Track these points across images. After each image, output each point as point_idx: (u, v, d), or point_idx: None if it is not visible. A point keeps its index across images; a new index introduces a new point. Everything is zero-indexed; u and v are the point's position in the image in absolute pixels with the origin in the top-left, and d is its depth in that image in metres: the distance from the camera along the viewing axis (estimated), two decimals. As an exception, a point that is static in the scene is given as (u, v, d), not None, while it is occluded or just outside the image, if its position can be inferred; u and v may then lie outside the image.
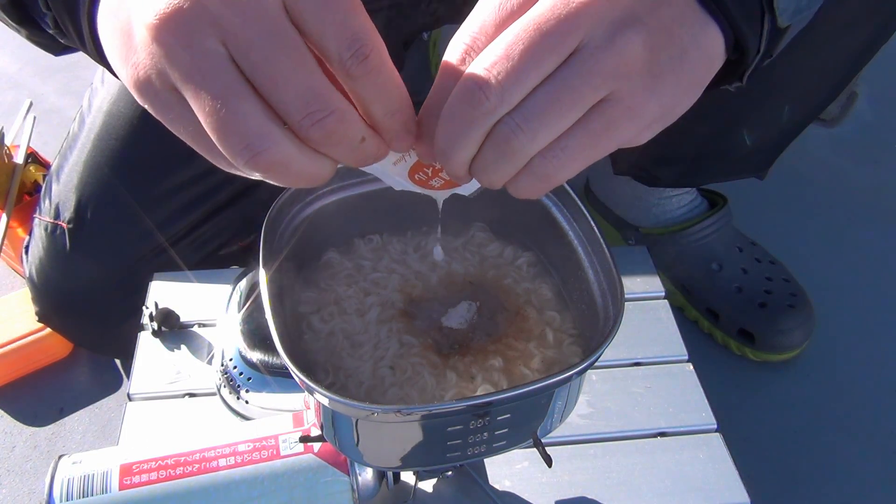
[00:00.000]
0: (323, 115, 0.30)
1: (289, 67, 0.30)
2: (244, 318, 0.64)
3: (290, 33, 0.30)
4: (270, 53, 0.30)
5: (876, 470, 0.87)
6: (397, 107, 0.32)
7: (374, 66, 0.31)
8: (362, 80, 0.31)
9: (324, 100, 0.30)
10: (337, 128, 0.31)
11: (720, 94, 0.81)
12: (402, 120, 0.33)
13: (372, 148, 0.33)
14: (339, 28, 0.30)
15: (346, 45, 0.30)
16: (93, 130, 0.79)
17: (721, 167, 0.91)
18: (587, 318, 0.48)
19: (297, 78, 0.30)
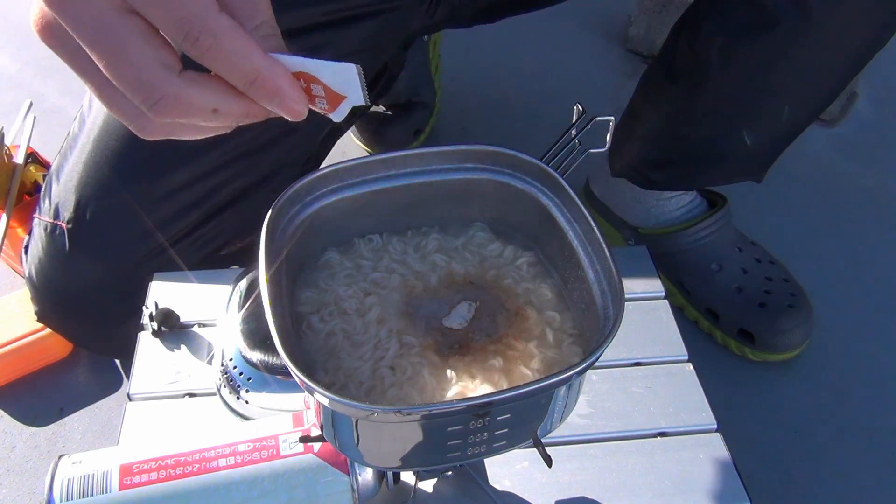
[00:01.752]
0: (155, 99, 0.34)
1: (121, 60, 0.33)
2: (244, 318, 0.64)
3: (120, 26, 0.33)
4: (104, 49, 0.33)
5: (875, 470, 0.87)
6: (250, 76, 0.34)
7: (207, 45, 0.33)
8: (204, 59, 0.33)
9: (153, 86, 0.34)
10: (172, 107, 0.34)
11: (716, 98, 0.81)
12: (263, 86, 0.35)
13: (236, 110, 0.36)
14: (167, 13, 0.32)
15: (175, 30, 0.33)
16: (93, 130, 0.79)
17: (718, 171, 0.91)
18: (587, 318, 0.48)
19: (129, 69, 0.33)
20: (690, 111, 0.86)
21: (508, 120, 1.28)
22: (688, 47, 0.82)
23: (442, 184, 0.52)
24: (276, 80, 0.35)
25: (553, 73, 1.38)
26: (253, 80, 0.34)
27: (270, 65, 0.34)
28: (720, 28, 0.77)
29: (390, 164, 0.51)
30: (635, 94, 0.94)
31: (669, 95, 0.87)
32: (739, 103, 0.81)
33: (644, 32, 1.37)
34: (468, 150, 0.52)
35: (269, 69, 0.34)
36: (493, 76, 1.37)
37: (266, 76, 0.34)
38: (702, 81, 0.82)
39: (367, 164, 0.51)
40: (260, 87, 0.35)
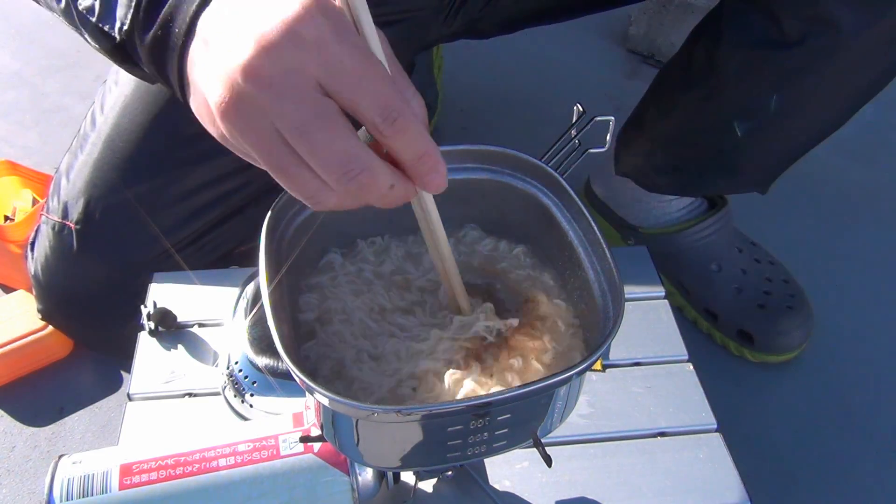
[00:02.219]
0: (357, 172, 0.37)
1: (326, 137, 0.36)
2: (252, 324, 0.64)
3: (325, 108, 0.36)
4: (308, 128, 0.36)
5: (875, 470, 0.87)
6: (423, 152, 0.38)
7: (401, 126, 0.37)
8: (393, 138, 0.37)
9: (357, 159, 0.37)
10: (367, 180, 0.37)
11: (730, 110, 0.81)
12: (428, 162, 0.39)
13: (400, 192, 0.39)
14: (370, 99, 0.36)
15: (378, 113, 0.36)
16: (104, 131, 0.79)
17: (724, 181, 0.91)
18: (587, 318, 0.48)
19: (333, 144, 0.36)
20: (703, 120, 0.85)
21: (509, 120, 1.28)
22: (705, 56, 0.81)
23: (442, 184, 0.52)
24: (437, 156, 0.39)
25: (553, 72, 1.38)
26: (422, 156, 0.38)
27: (433, 145, 0.39)
28: (740, 41, 0.76)
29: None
30: (647, 94, 0.94)
31: (682, 102, 0.86)
32: (753, 118, 0.81)
33: (644, 32, 1.37)
34: (468, 150, 0.52)
35: (435, 147, 0.39)
36: (494, 76, 1.37)
37: (432, 153, 0.38)
38: (717, 92, 0.81)
39: (367, 164, 0.51)
40: (427, 161, 0.38)
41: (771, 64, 0.76)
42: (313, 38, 0.35)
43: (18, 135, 1.26)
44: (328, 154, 0.36)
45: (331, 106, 0.36)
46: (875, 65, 0.75)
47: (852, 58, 0.73)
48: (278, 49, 0.35)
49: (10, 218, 1.01)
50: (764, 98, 0.78)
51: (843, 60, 0.73)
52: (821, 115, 0.81)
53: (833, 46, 0.71)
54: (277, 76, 0.35)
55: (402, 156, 0.38)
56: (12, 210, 1.02)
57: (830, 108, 0.80)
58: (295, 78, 0.35)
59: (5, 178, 1.04)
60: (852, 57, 0.72)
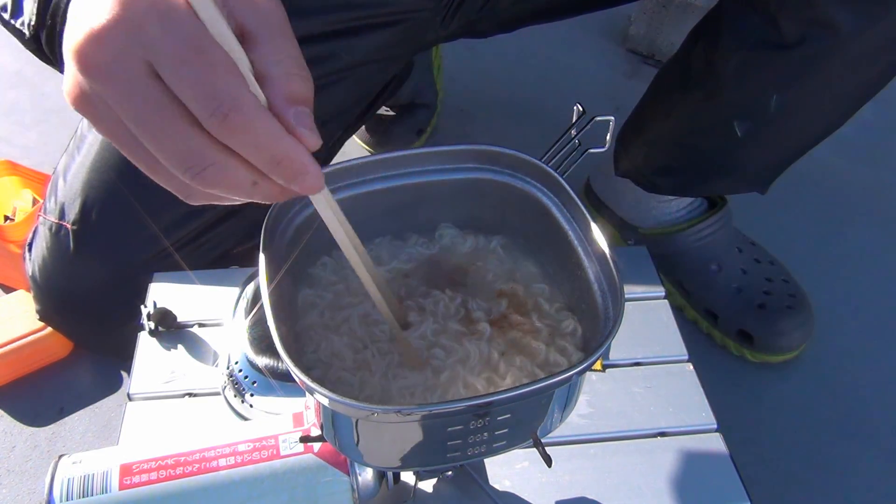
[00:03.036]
0: (200, 168, 0.33)
1: (162, 129, 0.32)
2: (252, 324, 0.64)
3: (159, 96, 0.32)
4: (145, 119, 0.32)
5: (875, 470, 0.87)
6: (276, 157, 0.33)
7: (235, 124, 0.32)
8: (228, 138, 0.32)
9: (197, 155, 0.32)
10: (216, 177, 0.33)
11: (729, 112, 0.81)
12: (288, 168, 0.33)
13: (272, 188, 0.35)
14: (195, 89, 0.31)
15: (204, 105, 0.31)
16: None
17: (724, 182, 0.91)
18: (587, 318, 0.48)
19: (171, 139, 0.32)
20: (702, 122, 0.85)
21: (509, 120, 1.28)
22: (704, 57, 0.81)
23: (442, 184, 0.52)
24: (300, 159, 0.34)
25: (553, 72, 1.38)
26: (278, 162, 0.33)
27: (294, 145, 0.33)
28: (739, 43, 0.76)
29: (391, 164, 0.51)
30: (646, 95, 0.94)
31: (681, 103, 0.87)
32: (752, 119, 0.81)
33: (644, 32, 1.37)
34: (468, 150, 0.52)
35: (294, 149, 0.33)
36: (494, 76, 1.37)
37: (292, 156, 0.33)
38: (716, 93, 0.81)
39: (367, 164, 0.51)
40: (286, 168, 0.34)
41: (769, 66, 0.76)
42: (137, 18, 0.32)
43: (18, 135, 1.26)
44: (167, 148, 0.33)
45: (166, 95, 0.32)
46: (873, 67, 0.75)
47: (850, 60, 0.73)
48: (103, 32, 0.32)
49: (10, 218, 1.01)
50: (763, 99, 0.78)
51: (842, 62, 0.73)
52: (820, 117, 0.81)
53: (831, 49, 0.72)
54: (107, 62, 0.32)
55: (252, 160, 0.33)
56: (12, 210, 1.02)
57: (829, 109, 0.80)
58: (124, 63, 0.32)
59: (5, 178, 1.04)
60: (850, 59, 0.72)
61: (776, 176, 0.89)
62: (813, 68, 0.74)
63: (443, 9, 0.83)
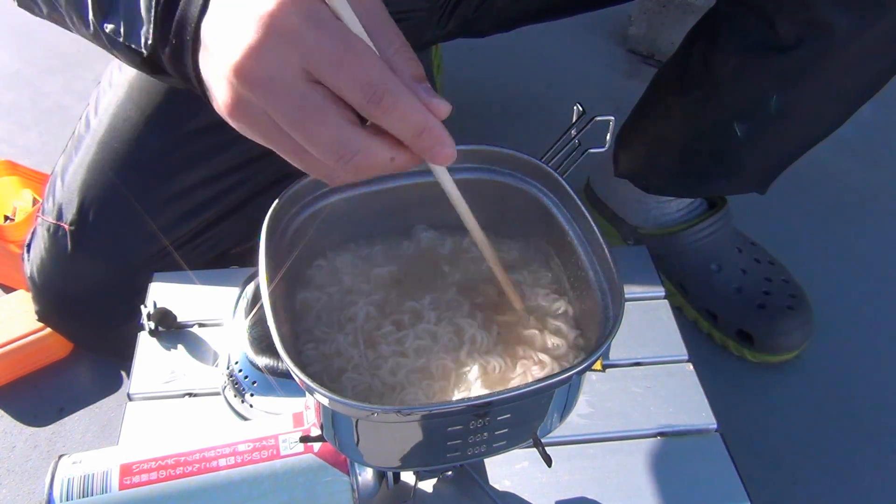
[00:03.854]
0: (351, 155, 0.38)
1: (316, 126, 0.37)
2: (252, 324, 0.64)
3: (312, 97, 0.37)
4: (296, 119, 0.37)
5: (875, 470, 0.87)
6: (420, 128, 0.38)
7: (388, 104, 0.37)
8: (382, 118, 0.37)
9: (348, 144, 0.38)
10: (364, 161, 0.38)
11: (727, 113, 0.81)
12: (428, 138, 0.39)
13: (403, 161, 0.40)
14: (352, 82, 0.36)
15: (361, 94, 0.37)
16: (98, 132, 0.79)
17: (723, 183, 0.91)
18: (587, 318, 0.48)
19: (323, 133, 0.37)
20: (700, 123, 0.85)
21: (508, 120, 1.28)
22: (702, 59, 0.81)
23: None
24: (438, 130, 0.39)
25: (553, 72, 1.38)
26: (420, 132, 0.38)
27: (433, 118, 0.39)
28: (736, 45, 0.76)
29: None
30: (644, 97, 0.94)
31: (679, 104, 0.87)
32: (751, 120, 0.81)
33: (644, 32, 1.37)
34: (468, 150, 0.52)
35: (433, 122, 0.38)
36: (494, 76, 1.37)
37: (432, 127, 0.38)
38: (713, 95, 0.81)
39: (367, 164, 0.51)
40: (427, 137, 0.38)
41: (767, 67, 0.76)
42: (290, 30, 0.36)
43: (18, 135, 1.26)
44: (320, 142, 0.38)
45: (318, 94, 0.37)
46: (871, 68, 0.75)
47: (848, 61, 0.73)
48: (260, 47, 0.37)
49: (10, 218, 1.01)
50: (761, 100, 0.78)
51: (839, 64, 0.73)
52: (818, 118, 0.81)
53: (828, 50, 0.72)
54: (264, 74, 0.37)
55: (398, 134, 0.38)
56: (12, 210, 1.02)
57: (827, 110, 0.81)
58: (280, 72, 0.37)
59: (5, 178, 1.04)
60: (848, 61, 0.73)
61: (775, 176, 0.90)
62: (810, 70, 0.74)
63: (439, 9, 0.83)
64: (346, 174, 0.39)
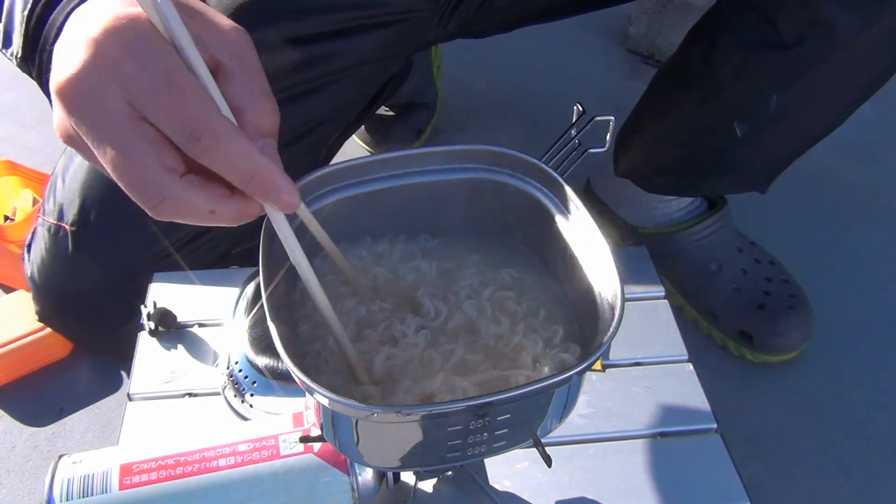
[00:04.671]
0: (157, 200, 0.36)
1: (126, 164, 0.35)
2: (252, 324, 0.64)
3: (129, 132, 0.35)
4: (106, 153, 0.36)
5: (875, 470, 0.87)
6: (248, 174, 0.36)
7: (208, 145, 0.35)
8: (204, 158, 0.35)
9: (154, 189, 0.36)
10: (172, 208, 0.36)
11: (727, 112, 0.81)
12: (260, 186, 0.36)
13: (232, 212, 0.37)
14: (170, 117, 0.35)
15: (179, 130, 0.35)
16: None
17: (724, 182, 0.91)
18: (587, 318, 0.48)
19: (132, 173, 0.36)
20: (700, 122, 0.85)
21: (508, 120, 1.28)
22: (702, 58, 0.81)
23: (442, 184, 0.52)
24: (272, 176, 0.36)
25: (553, 72, 1.38)
26: (251, 178, 0.36)
27: (267, 162, 0.36)
28: (737, 44, 0.76)
29: (390, 165, 0.51)
30: (644, 96, 0.94)
31: (680, 104, 0.87)
32: (751, 119, 0.81)
33: (644, 32, 1.37)
34: (468, 150, 0.52)
35: (266, 167, 0.36)
36: (494, 76, 1.37)
37: (264, 173, 0.36)
38: (714, 94, 0.81)
39: (367, 164, 0.51)
40: (259, 183, 0.36)
41: (768, 66, 0.76)
42: (109, 57, 0.35)
43: (18, 135, 1.26)
44: (130, 182, 0.36)
45: (136, 130, 0.35)
46: (871, 66, 0.75)
47: (848, 60, 0.73)
48: (79, 74, 0.35)
49: (10, 218, 1.01)
50: (762, 99, 0.78)
51: (840, 62, 0.73)
52: (819, 116, 0.81)
53: (829, 49, 0.72)
54: (82, 101, 0.35)
55: (226, 178, 0.36)
56: (12, 210, 1.02)
57: (828, 108, 0.81)
58: (98, 101, 0.35)
59: (5, 178, 1.04)
60: (848, 59, 0.73)
61: (776, 175, 0.89)
62: (811, 68, 0.74)
63: (440, 9, 0.83)
64: (159, 217, 0.37)
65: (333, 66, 0.78)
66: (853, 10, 0.68)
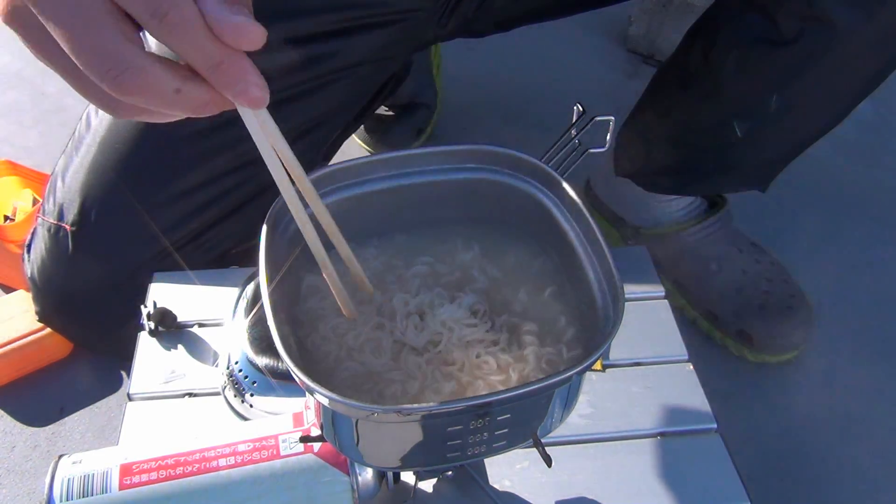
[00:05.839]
0: (119, 72, 0.32)
1: (85, 35, 0.32)
2: (252, 324, 0.64)
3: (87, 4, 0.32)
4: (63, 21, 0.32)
5: (875, 470, 0.87)
6: (215, 59, 0.33)
7: (174, 20, 0.32)
8: (168, 38, 0.32)
9: (116, 59, 0.32)
10: (135, 81, 0.33)
11: (728, 110, 0.81)
12: (227, 72, 0.33)
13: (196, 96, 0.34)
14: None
15: (143, 6, 0.32)
16: (99, 132, 0.79)
17: (724, 180, 0.91)
18: (587, 318, 0.48)
19: (92, 44, 0.32)
20: (701, 120, 0.85)
21: (509, 120, 1.28)
22: (702, 56, 0.81)
23: (442, 184, 0.52)
24: (241, 62, 0.33)
25: (553, 72, 1.38)
26: (218, 64, 0.33)
27: (234, 51, 0.33)
28: (737, 40, 0.76)
29: (391, 164, 0.51)
30: (644, 95, 0.94)
31: (680, 102, 0.87)
32: (751, 116, 0.81)
33: (644, 32, 1.37)
34: (468, 149, 0.52)
35: (234, 54, 0.33)
36: (494, 76, 1.37)
37: (232, 59, 0.33)
38: (714, 92, 0.81)
39: (367, 164, 0.51)
40: (225, 71, 0.33)
41: (767, 63, 0.76)
42: None
43: (18, 135, 1.26)
44: (86, 51, 0.33)
45: (94, 2, 0.32)
46: (871, 62, 0.75)
47: (848, 55, 0.73)
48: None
49: (10, 218, 1.01)
50: (762, 96, 0.78)
51: (840, 58, 0.73)
52: (819, 113, 0.81)
53: (829, 44, 0.72)
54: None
55: (191, 62, 0.33)
56: (12, 210, 1.02)
57: (828, 105, 0.81)
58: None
59: (5, 178, 1.05)
60: (848, 54, 0.73)
61: (776, 173, 0.89)
62: (811, 64, 0.74)
63: (439, 8, 0.83)
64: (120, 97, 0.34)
65: (333, 65, 0.78)
66: (853, 5, 0.69)
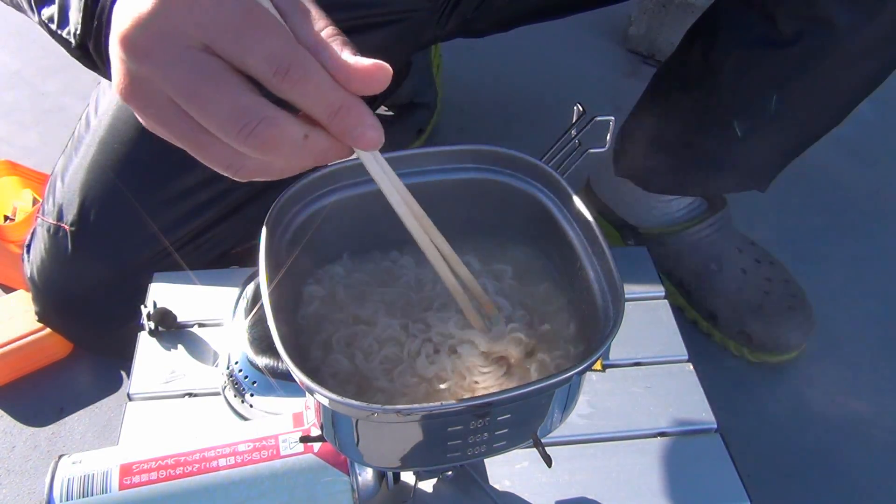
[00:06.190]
0: (255, 124, 0.34)
1: (214, 96, 0.34)
2: (252, 324, 0.64)
3: (209, 67, 0.34)
4: (195, 90, 0.34)
5: (875, 470, 0.87)
6: (335, 105, 0.35)
7: (297, 76, 0.34)
8: (291, 92, 0.34)
9: (250, 112, 0.34)
10: (269, 132, 0.34)
11: (727, 110, 0.81)
12: (346, 118, 0.35)
13: (321, 142, 0.36)
14: (257, 54, 0.33)
15: (266, 64, 0.34)
16: (98, 133, 0.79)
17: (724, 180, 0.91)
18: (587, 318, 0.48)
19: (222, 101, 0.34)
20: (700, 120, 0.85)
21: (508, 120, 1.28)
22: (701, 56, 0.81)
23: (442, 184, 0.52)
24: (359, 108, 0.35)
25: (553, 72, 1.38)
26: (338, 110, 0.35)
27: (351, 95, 0.35)
28: (737, 41, 0.77)
29: (390, 165, 0.51)
30: (644, 95, 0.94)
31: (679, 102, 0.87)
32: (751, 116, 0.81)
33: (644, 32, 1.37)
34: (468, 150, 0.52)
35: (352, 99, 0.35)
36: (494, 76, 1.37)
37: (350, 105, 0.35)
38: (714, 92, 0.81)
39: (367, 164, 0.51)
40: (344, 117, 0.35)
41: (767, 63, 0.76)
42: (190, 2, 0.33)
43: (18, 135, 1.26)
44: (219, 111, 0.34)
45: (215, 64, 0.34)
46: (871, 62, 0.75)
47: (848, 56, 0.73)
48: (148, 16, 0.34)
49: (10, 218, 1.01)
50: (762, 96, 0.78)
51: (840, 58, 0.73)
52: (819, 113, 0.81)
53: (829, 45, 0.72)
54: (152, 43, 0.34)
55: (312, 112, 0.35)
56: (12, 210, 1.02)
57: (828, 105, 0.81)
58: (171, 41, 0.34)
59: (5, 178, 1.04)
60: (848, 55, 0.73)
61: (776, 173, 0.89)
62: (811, 65, 0.74)
63: (439, 8, 0.83)
64: (252, 150, 0.35)
65: None
66: (852, 6, 0.69)
